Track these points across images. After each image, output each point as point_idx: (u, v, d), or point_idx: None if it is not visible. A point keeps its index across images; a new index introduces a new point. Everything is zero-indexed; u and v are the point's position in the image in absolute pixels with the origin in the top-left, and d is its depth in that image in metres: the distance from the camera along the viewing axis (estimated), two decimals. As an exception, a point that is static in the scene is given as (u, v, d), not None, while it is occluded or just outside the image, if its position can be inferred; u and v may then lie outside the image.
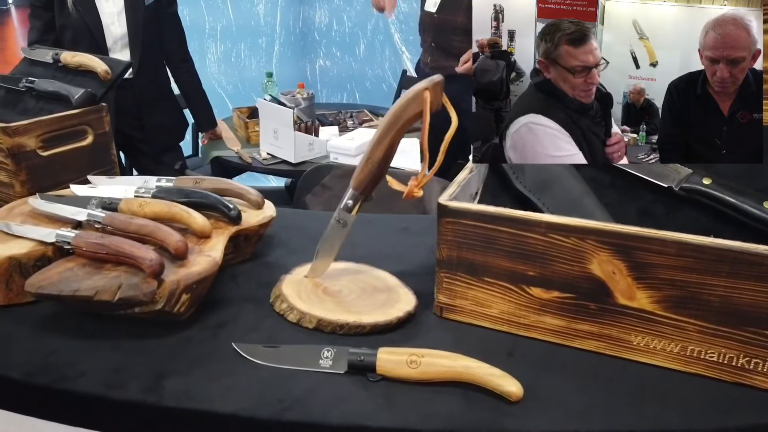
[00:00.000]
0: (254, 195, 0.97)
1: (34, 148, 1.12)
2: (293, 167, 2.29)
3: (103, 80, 1.24)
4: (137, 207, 0.89)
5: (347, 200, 0.79)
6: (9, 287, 0.82)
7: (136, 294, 0.72)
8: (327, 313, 0.78)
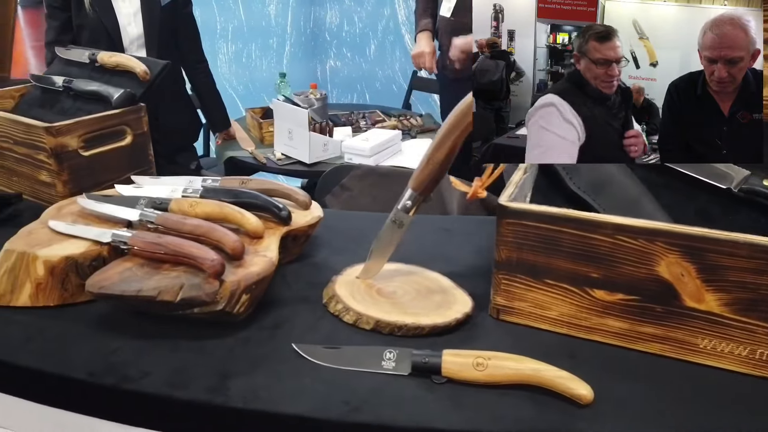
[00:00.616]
0: (302, 195, 0.96)
1: (75, 148, 1.12)
2: (308, 168, 2.29)
3: (142, 80, 1.24)
4: (188, 207, 0.89)
5: (405, 201, 0.79)
6: (65, 287, 0.82)
7: (198, 294, 0.72)
8: (384, 314, 0.78)
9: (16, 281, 0.81)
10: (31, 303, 0.81)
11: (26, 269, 0.80)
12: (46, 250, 0.81)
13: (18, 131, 1.13)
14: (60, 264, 0.80)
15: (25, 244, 0.82)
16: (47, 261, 0.80)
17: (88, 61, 1.32)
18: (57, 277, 0.81)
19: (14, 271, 0.81)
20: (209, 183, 1.01)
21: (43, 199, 1.16)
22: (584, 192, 0.84)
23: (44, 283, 0.81)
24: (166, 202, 0.91)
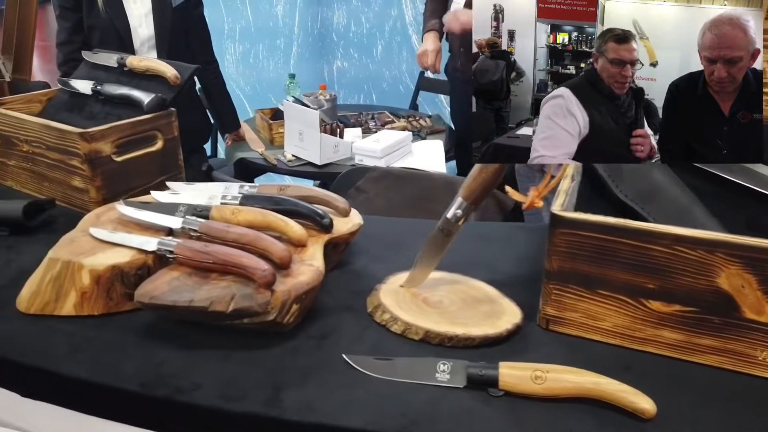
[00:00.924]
0: (341, 202, 0.96)
1: (109, 153, 1.12)
2: (318, 169, 2.29)
3: (172, 85, 1.24)
4: (230, 214, 0.88)
5: (455, 210, 0.78)
6: (109, 296, 0.81)
7: (250, 305, 0.71)
8: (433, 324, 0.77)
9: (60, 290, 0.81)
10: (76, 312, 0.81)
11: (71, 278, 0.80)
12: (91, 258, 0.80)
13: (51, 136, 1.13)
14: (106, 273, 0.80)
15: (69, 252, 0.82)
16: (93, 270, 0.79)
17: (117, 65, 1.31)
18: (102, 287, 0.80)
19: (59, 280, 0.80)
20: (247, 190, 1.00)
21: (76, 204, 1.15)
22: (632, 200, 0.83)
23: (89, 293, 0.80)
24: (207, 210, 0.90)
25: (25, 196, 1.22)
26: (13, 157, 1.23)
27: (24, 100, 1.33)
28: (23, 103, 1.32)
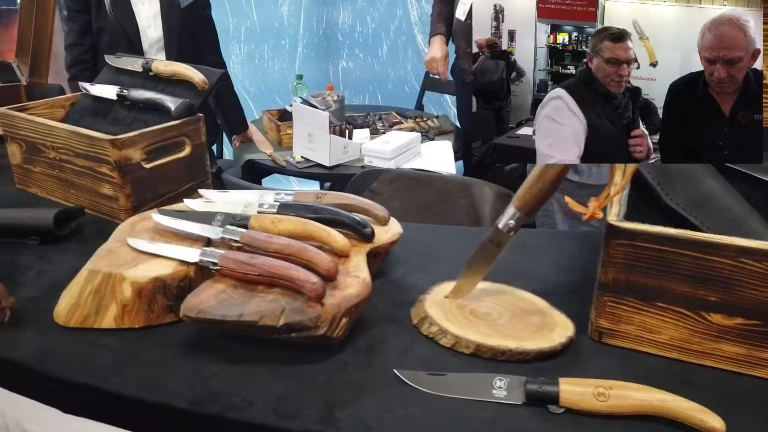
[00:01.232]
0: (381, 211, 0.94)
1: (138, 160, 1.10)
2: (328, 170, 2.28)
3: (200, 90, 1.22)
4: (270, 224, 0.86)
5: (508, 220, 0.76)
6: (151, 308, 0.79)
7: (301, 319, 0.70)
8: (484, 337, 0.75)
9: (101, 303, 0.79)
10: (116, 325, 0.79)
11: (112, 291, 0.78)
12: (133, 270, 0.79)
13: (80, 143, 1.11)
14: (148, 285, 0.78)
15: (109, 264, 0.80)
16: (135, 282, 0.78)
17: (142, 70, 1.30)
18: (144, 299, 0.78)
19: (99, 293, 0.79)
20: (283, 198, 0.98)
21: (105, 212, 1.14)
22: (684, 209, 0.81)
23: (131, 305, 0.78)
24: (246, 219, 0.88)
25: (51, 204, 1.21)
26: (39, 164, 1.21)
27: (47, 105, 1.31)
28: (46, 109, 1.31)
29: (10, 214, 1.04)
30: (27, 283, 0.92)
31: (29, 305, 0.85)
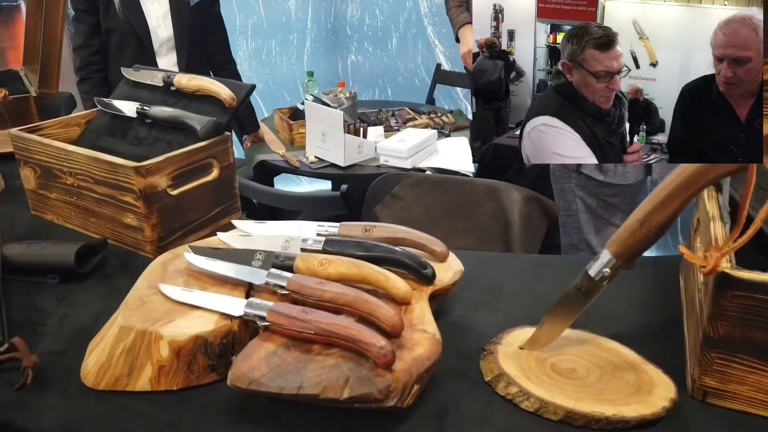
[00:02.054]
0: (438, 246, 0.84)
1: (164, 187, 1.01)
2: (342, 171, 2.20)
3: (227, 107, 1.12)
4: (318, 266, 0.77)
5: (603, 268, 0.66)
6: (191, 369, 0.70)
7: (370, 391, 0.60)
8: (575, 402, 0.65)
9: (134, 363, 0.70)
10: (152, 387, 0.70)
11: (147, 350, 0.69)
12: (170, 328, 0.69)
13: (100, 170, 1.02)
14: (188, 345, 0.69)
15: (142, 319, 0.71)
16: (173, 342, 0.68)
17: (162, 84, 1.20)
18: (183, 359, 0.69)
19: (133, 352, 0.70)
20: (327, 230, 0.89)
21: (128, 243, 1.05)
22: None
23: (168, 366, 0.69)
24: (290, 259, 0.79)
25: (69, 233, 1.12)
26: (55, 190, 1.12)
27: (61, 124, 1.22)
28: (61, 128, 1.22)
29: (28, 250, 0.95)
30: (49, 332, 0.83)
31: (53, 362, 0.76)
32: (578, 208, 2.01)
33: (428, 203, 2.09)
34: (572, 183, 1.94)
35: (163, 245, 1.03)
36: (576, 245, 2.08)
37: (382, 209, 2.12)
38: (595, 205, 1.94)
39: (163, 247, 1.03)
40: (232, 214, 1.16)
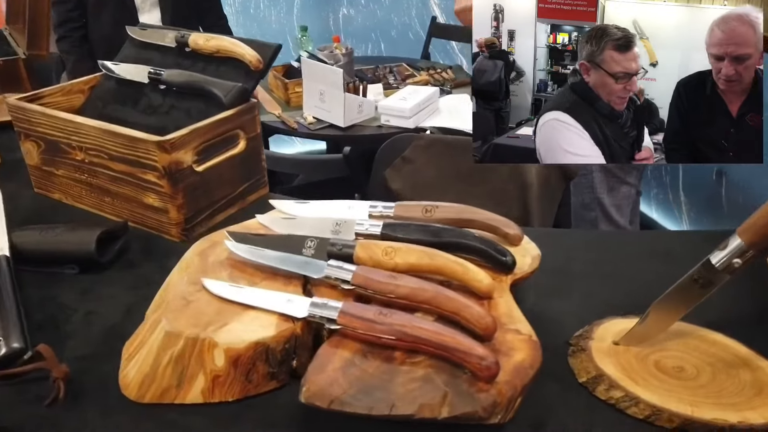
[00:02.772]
0: (513, 228, 0.75)
1: (190, 163, 0.90)
2: (342, 132, 2.08)
3: (253, 70, 1.00)
4: (382, 255, 0.68)
5: (732, 258, 0.57)
6: (249, 378, 0.61)
7: (474, 410, 0.52)
8: (692, 408, 0.58)
9: (184, 373, 0.61)
10: (204, 399, 0.61)
11: (199, 359, 0.60)
12: (225, 333, 0.60)
13: (115, 144, 0.90)
14: (247, 352, 0.60)
15: (191, 323, 0.62)
16: (230, 349, 0.59)
17: (175, 45, 1.08)
18: (241, 368, 0.60)
19: (182, 361, 0.61)
20: (381, 211, 0.79)
21: (150, 226, 0.94)
22: None
23: (224, 376, 0.60)
24: (349, 247, 0.69)
25: (79, 214, 1.01)
26: (62, 167, 1.01)
27: (63, 91, 1.09)
28: (63, 95, 1.09)
29: (41, 237, 0.85)
30: (75, 332, 0.74)
31: (84, 369, 0.67)
32: (592, 167, 1.96)
33: (441, 166, 1.99)
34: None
35: (189, 227, 0.93)
36: (588, 205, 2.03)
37: (393, 173, 2.02)
38: None
39: (188, 229, 0.93)
40: (259, 189, 1.06)
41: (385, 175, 1.99)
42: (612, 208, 2.04)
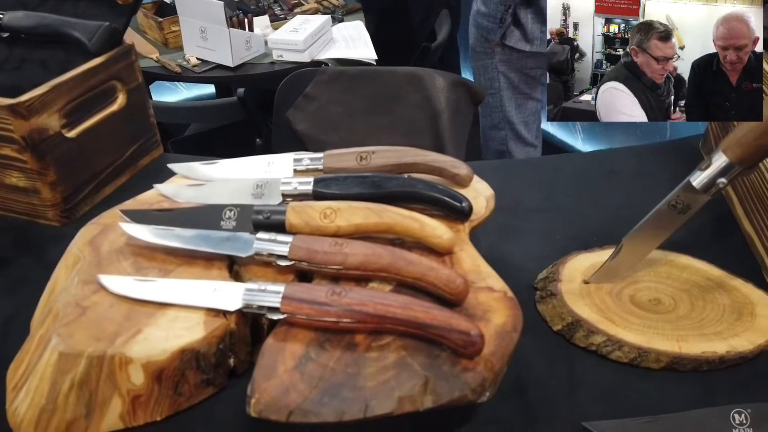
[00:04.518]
0: (462, 168, 0.66)
1: (58, 129, 0.73)
2: (233, 72, 1.90)
3: (121, 3, 0.82)
4: (320, 219, 0.57)
5: (716, 176, 0.52)
6: (178, 392, 0.50)
7: (462, 394, 0.44)
8: (679, 343, 0.54)
9: (92, 399, 0.48)
10: (125, 425, 0.49)
11: (110, 380, 0.47)
12: (141, 345, 0.48)
13: (-48, 114, 0.71)
14: (172, 364, 0.48)
15: (92, 337, 0.48)
16: (150, 363, 0.47)
17: (13, -20, 0.86)
18: (167, 382, 0.48)
19: (88, 385, 0.48)
20: (307, 164, 0.67)
21: (18, 211, 0.77)
22: None
23: (146, 395, 0.48)
24: (279, 213, 0.58)
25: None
26: None
27: None
28: None
29: None
30: (-65, 362, 0.58)
31: (-43, 411, 0.52)
32: (501, 85, 1.94)
33: (346, 101, 1.87)
34: (495, 59, 1.85)
35: (69, 207, 0.76)
36: (497, 125, 2.02)
37: (296, 113, 1.88)
38: (517, 80, 1.87)
39: (69, 210, 0.76)
40: (152, 151, 0.90)
41: (287, 116, 1.85)
42: (521, 125, 2.03)
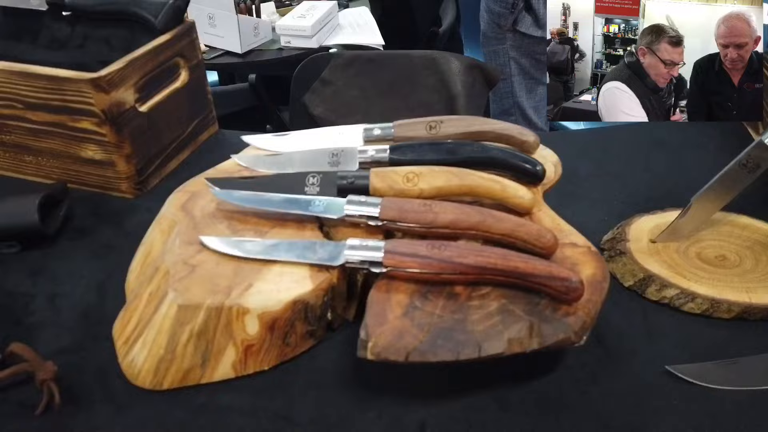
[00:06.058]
0: (530, 135, 0.69)
1: (133, 103, 0.75)
2: (241, 59, 1.92)
3: (183, -17, 0.84)
4: (404, 182, 0.60)
5: None
6: (287, 341, 0.53)
7: (566, 336, 0.47)
8: (748, 294, 0.57)
9: (208, 349, 0.51)
10: (235, 374, 0.53)
11: (227, 330, 0.51)
12: (256, 296, 0.51)
13: (34, 89, 0.73)
14: (284, 314, 0.51)
15: (207, 290, 0.51)
16: (265, 313, 0.50)
17: (74, -40, 0.88)
18: (278, 332, 0.52)
19: (206, 335, 0.51)
20: (378, 133, 0.70)
21: (92, 185, 0.79)
22: None
23: (258, 344, 0.52)
24: (363, 178, 0.61)
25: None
26: (-41, 124, 0.81)
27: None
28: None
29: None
30: (43, 322, 0.61)
31: (73, 363, 0.55)
32: (512, 71, 1.95)
33: (363, 84, 1.89)
34: (507, 44, 1.86)
35: (141, 180, 0.79)
36: (507, 110, 2.04)
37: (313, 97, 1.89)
38: (528, 66, 1.88)
39: (141, 182, 0.79)
40: (209, 127, 0.93)
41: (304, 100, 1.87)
42: (530, 110, 2.05)
